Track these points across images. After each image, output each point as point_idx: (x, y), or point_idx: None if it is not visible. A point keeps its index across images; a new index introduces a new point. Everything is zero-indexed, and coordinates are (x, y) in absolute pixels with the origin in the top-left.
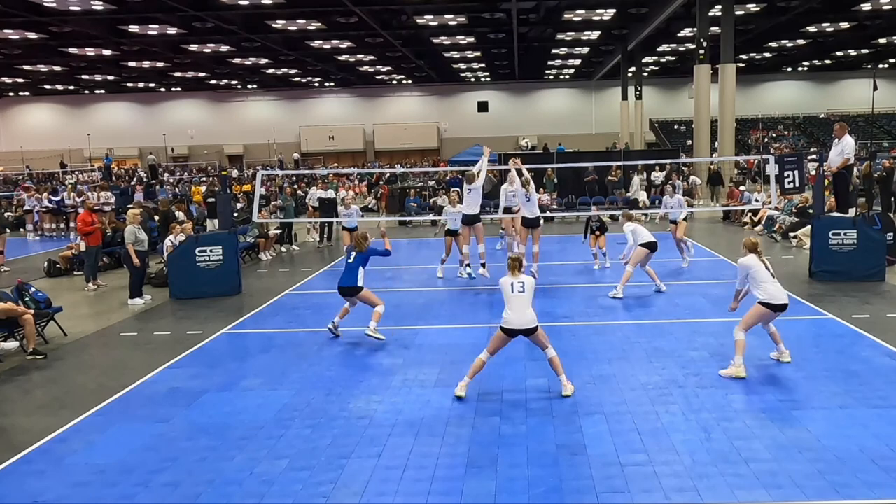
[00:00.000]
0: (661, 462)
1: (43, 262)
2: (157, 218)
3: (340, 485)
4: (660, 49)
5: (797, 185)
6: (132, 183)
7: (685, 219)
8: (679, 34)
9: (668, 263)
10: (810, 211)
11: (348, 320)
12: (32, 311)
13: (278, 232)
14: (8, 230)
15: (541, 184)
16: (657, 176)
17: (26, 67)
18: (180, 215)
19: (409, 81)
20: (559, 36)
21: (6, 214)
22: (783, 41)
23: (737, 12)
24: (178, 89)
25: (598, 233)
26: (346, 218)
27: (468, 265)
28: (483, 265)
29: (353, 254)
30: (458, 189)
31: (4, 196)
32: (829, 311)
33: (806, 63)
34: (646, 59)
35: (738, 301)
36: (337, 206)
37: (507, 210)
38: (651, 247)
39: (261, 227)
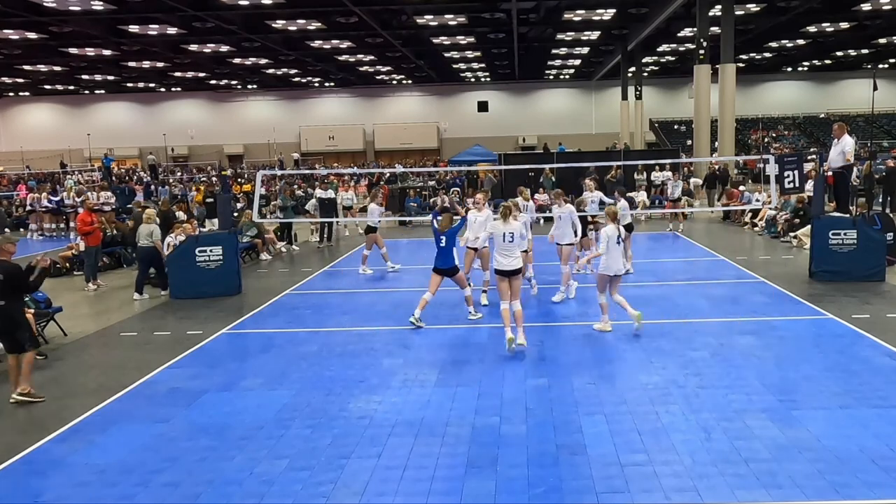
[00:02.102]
0: (661, 462)
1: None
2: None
3: (340, 485)
4: (660, 49)
5: (797, 185)
6: (132, 183)
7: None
8: (679, 34)
9: (667, 264)
10: (802, 213)
11: (347, 320)
12: (32, 311)
13: (272, 229)
14: (8, 230)
15: (540, 183)
16: (657, 176)
17: (26, 67)
18: (181, 215)
19: (409, 81)
20: (559, 36)
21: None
22: (783, 41)
23: (737, 12)
24: (178, 89)
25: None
26: (371, 218)
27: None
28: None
29: (444, 237)
30: (457, 189)
31: (4, 196)
32: (829, 311)
33: (806, 63)
34: (646, 59)
35: (589, 261)
36: (336, 205)
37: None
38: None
39: (258, 227)
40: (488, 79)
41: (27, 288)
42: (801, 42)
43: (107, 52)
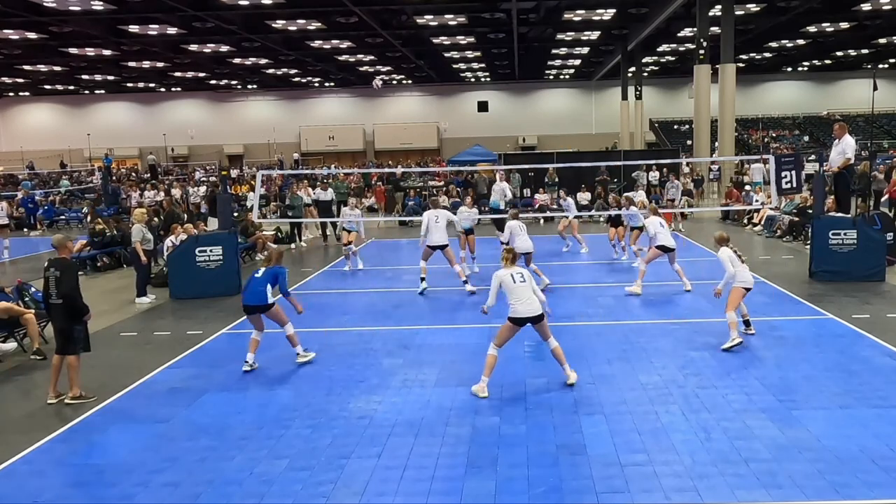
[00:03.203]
0: (661, 462)
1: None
2: (156, 220)
3: (340, 485)
4: (660, 49)
5: (794, 185)
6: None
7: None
8: (679, 34)
9: (667, 264)
10: (810, 211)
11: (347, 320)
12: (33, 311)
13: (270, 233)
14: (9, 230)
15: (542, 184)
16: (654, 176)
17: (26, 67)
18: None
19: (409, 81)
20: (559, 36)
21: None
22: (783, 41)
23: (737, 12)
24: (178, 89)
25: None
26: (347, 220)
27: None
28: (422, 279)
29: (263, 269)
30: (460, 188)
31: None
32: (829, 311)
33: (806, 63)
34: (646, 59)
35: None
36: (331, 206)
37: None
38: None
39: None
40: (488, 79)
41: (72, 289)
42: (801, 42)
43: (107, 52)
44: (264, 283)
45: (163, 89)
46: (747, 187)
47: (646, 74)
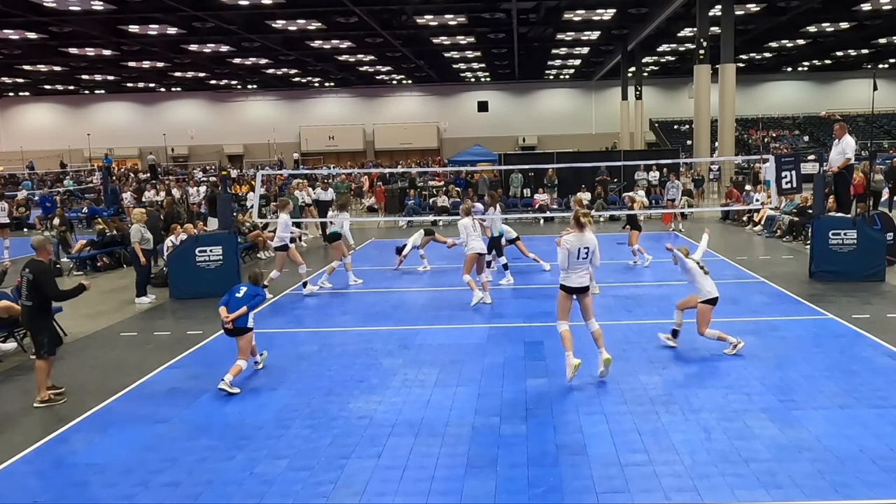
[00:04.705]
0: (661, 462)
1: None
2: (161, 220)
3: (340, 485)
4: (660, 49)
5: (794, 185)
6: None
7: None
8: (679, 34)
9: (667, 264)
10: (810, 211)
11: (347, 320)
12: None
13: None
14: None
15: (542, 184)
16: (654, 175)
17: (26, 67)
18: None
19: (409, 81)
20: (559, 36)
21: None
22: (783, 41)
23: (737, 12)
24: (178, 89)
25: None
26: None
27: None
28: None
29: (244, 289)
30: (461, 188)
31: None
32: (829, 311)
33: (806, 63)
34: (646, 59)
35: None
36: (331, 206)
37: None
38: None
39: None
40: (488, 79)
41: (52, 292)
42: (801, 42)
43: (107, 52)
44: (243, 304)
45: (163, 89)
46: (747, 187)
47: (646, 74)
